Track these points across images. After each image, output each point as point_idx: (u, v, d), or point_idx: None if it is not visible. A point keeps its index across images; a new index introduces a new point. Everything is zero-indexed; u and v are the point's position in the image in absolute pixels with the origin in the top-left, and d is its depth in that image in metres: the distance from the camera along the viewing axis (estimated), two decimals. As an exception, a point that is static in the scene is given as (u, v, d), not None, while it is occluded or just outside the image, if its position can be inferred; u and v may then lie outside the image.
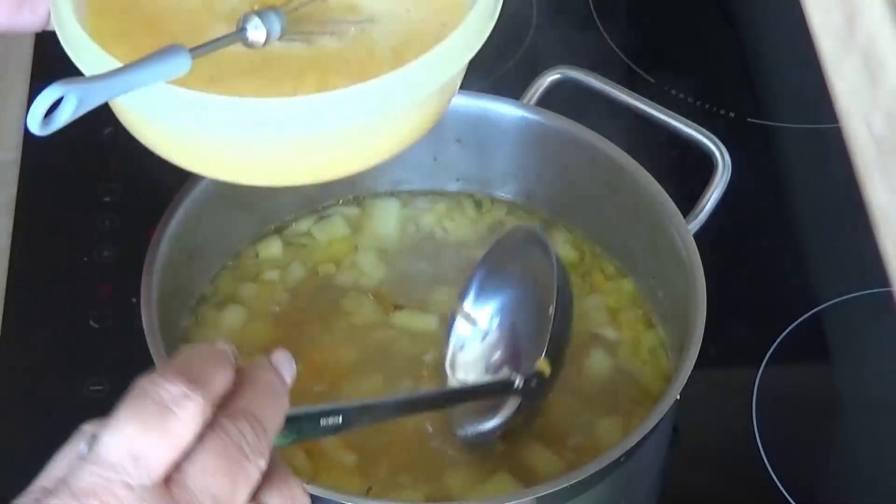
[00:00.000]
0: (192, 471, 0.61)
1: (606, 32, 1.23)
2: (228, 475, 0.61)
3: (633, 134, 0.99)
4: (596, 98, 1.00)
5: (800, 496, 0.96)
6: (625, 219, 0.96)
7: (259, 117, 0.68)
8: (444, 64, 0.71)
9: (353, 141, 0.72)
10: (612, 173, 0.95)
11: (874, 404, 1.03)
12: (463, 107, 0.96)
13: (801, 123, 1.18)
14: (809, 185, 1.16)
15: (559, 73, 1.01)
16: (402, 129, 0.74)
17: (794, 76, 1.19)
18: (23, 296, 1.04)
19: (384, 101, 0.69)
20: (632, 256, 0.98)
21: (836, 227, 1.10)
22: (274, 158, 0.73)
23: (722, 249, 0.98)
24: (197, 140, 0.71)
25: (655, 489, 0.94)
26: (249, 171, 0.74)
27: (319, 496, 0.80)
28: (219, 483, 0.61)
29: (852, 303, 1.06)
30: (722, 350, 0.96)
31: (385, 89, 0.69)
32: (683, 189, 0.96)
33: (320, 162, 0.73)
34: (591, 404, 0.92)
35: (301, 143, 0.71)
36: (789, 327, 1.04)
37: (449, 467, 0.88)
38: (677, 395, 0.84)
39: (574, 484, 0.80)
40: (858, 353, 1.07)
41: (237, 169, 0.74)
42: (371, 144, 0.73)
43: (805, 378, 1.05)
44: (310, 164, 0.73)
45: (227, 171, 0.74)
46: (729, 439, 1.00)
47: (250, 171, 0.74)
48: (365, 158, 0.74)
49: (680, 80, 1.21)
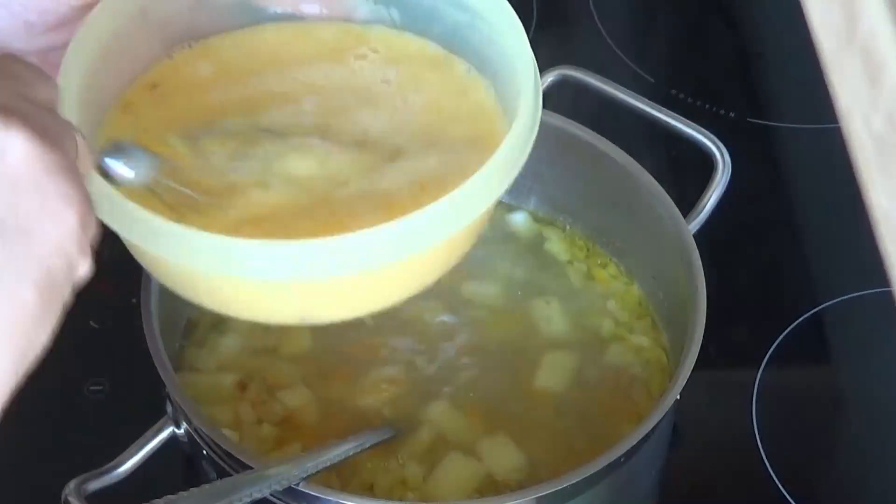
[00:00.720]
0: None
1: (606, 32, 1.23)
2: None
3: (633, 134, 0.99)
4: (596, 98, 1.00)
5: (800, 496, 0.96)
6: (625, 219, 0.96)
7: (284, 261, 0.65)
8: (472, 202, 0.67)
9: (381, 277, 0.69)
10: (612, 173, 0.95)
11: (874, 404, 1.03)
12: (463, 107, 0.96)
13: (801, 123, 1.18)
14: (809, 185, 1.16)
15: (559, 73, 1.01)
16: (427, 266, 0.71)
17: (795, 76, 1.19)
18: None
19: (409, 241, 0.66)
20: (632, 256, 0.98)
21: (836, 227, 1.10)
22: (300, 300, 0.70)
23: (722, 249, 0.98)
24: (208, 280, 0.69)
25: (655, 489, 0.94)
26: (263, 311, 0.72)
27: (319, 496, 0.80)
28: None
29: (852, 303, 1.06)
30: (722, 350, 0.96)
31: (411, 229, 0.65)
32: (683, 189, 0.96)
33: (344, 302, 0.71)
34: (591, 404, 0.92)
35: (331, 284, 0.68)
36: (789, 327, 1.04)
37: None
38: (677, 395, 0.84)
39: (574, 484, 0.80)
40: (858, 352, 1.07)
41: (248, 308, 0.71)
42: (397, 281, 0.71)
43: (805, 378, 1.05)
44: (335, 303, 0.71)
45: (239, 310, 0.72)
46: (729, 439, 1.00)
47: (264, 311, 0.72)
48: (393, 294, 0.72)
49: (680, 80, 1.21)
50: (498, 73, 0.75)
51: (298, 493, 0.80)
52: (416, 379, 0.92)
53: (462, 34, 0.76)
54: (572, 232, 1.00)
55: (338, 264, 0.65)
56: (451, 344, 0.94)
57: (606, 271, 0.98)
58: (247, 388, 0.90)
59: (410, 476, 0.87)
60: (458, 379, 0.92)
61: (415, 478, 0.88)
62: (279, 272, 0.65)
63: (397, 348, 0.93)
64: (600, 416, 0.91)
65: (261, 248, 0.65)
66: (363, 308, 0.73)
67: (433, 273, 0.72)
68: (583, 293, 0.97)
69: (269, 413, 0.89)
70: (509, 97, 0.74)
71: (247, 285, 0.68)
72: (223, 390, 0.90)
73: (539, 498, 0.80)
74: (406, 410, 0.90)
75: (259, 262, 0.65)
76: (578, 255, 0.99)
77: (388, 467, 0.88)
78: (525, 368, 0.93)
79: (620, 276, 0.98)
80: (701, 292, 0.88)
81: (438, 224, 0.66)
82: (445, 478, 0.88)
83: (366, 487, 0.87)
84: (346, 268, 0.65)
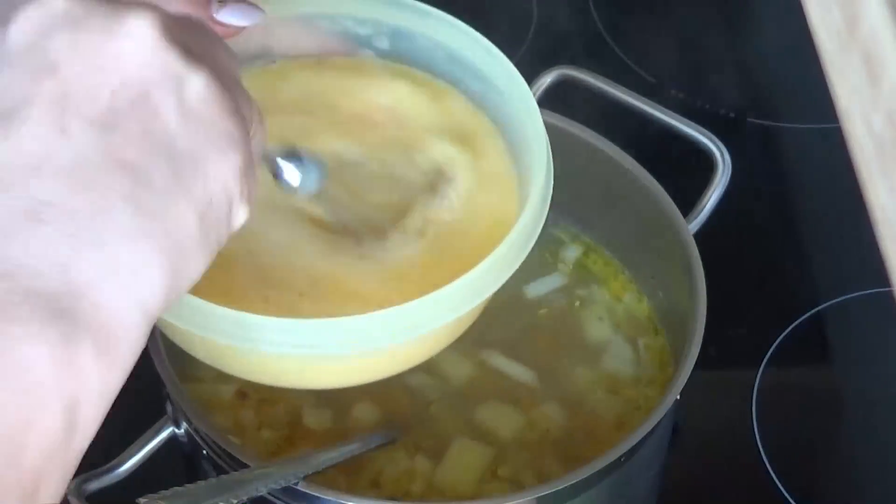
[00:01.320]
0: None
1: (606, 32, 1.23)
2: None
3: (633, 134, 0.99)
4: (596, 98, 1.00)
5: (800, 496, 0.96)
6: (624, 218, 0.96)
7: (301, 338, 0.68)
8: (481, 286, 0.70)
9: (390, 353, 0.72)
10: (612, 173, 0.95)
11: (874, 404, 1.03)
12: (463, 107, 0.96)
13: (801, 123, 1.18)
14: (809, 185, 1.16)
15: (559, 73, 1.01)
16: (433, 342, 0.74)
17: (795, 76, 1.19)
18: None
19: (417, 324, 0.69)
20: (631, 256, 0.97)
21: (837, 227, 1.10)
22: (303, 371, 0.74)
23: (722, 249, 0.98)
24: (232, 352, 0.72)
25: (655, 489, 0.94)
26: (269, 376, 0.75)
27: (319, 496, 0.80)
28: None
29: (852, 303, 1.06)
30: (722, 350, 0.96)
31: (417, 312, 0.69)
32: (683, 189, 0.96)
33: (349, 375, 0.75)
34: (591, 404, 0.92)
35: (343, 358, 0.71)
36: (789, 327, 1.04)
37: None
38: (677, 395, 0.84)
39: (574, 484, 0.80)
40: (858, 353, 1.07)
41: (255, 373, 0.75)
42: (404, 356, 0.74)
43: (805, 378, 1.05)
44: (342, 375, 0.75)
45: (248, 374, 0.76)
46: (729, 439, 1.00)
47: (270, 376, 0.75)
48: (398, 366, 0.75)
49: (680, 80, 1.21)
50: (513, 142, 0.78)
51: (298, 492, 0.80)
52: (417, 381, 0.92)
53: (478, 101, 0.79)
54: (571, 231, 1.00)
55: (350, 343, 0.69)
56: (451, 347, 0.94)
57: (606, 269, 0.98)
58: (247, 397, 0.90)
59: (418, 466, 0.87)
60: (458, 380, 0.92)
61: (422, 468, 0.88)
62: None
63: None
64: (599, 415, 0.91)
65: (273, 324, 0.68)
66: (367, 378, 0.76)
67: (435, 347, 0.75)
68: (582, 291, 0.97)
69: (270, 418, 0.89)
70: (522, 166, 0.76)
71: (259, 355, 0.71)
72: (223, 399, 0.90)
73: (539, 498, 0.80)
74: (407, 413, 0.90)
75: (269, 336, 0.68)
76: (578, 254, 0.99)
77: (395, 458, 0.88)
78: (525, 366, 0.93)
79: (619, 274, 0.98)
80: (701, 292, 0.88)
81: (449, 306, 0.69)
82: (454, 467, 0.88)
83: (373, 480, 0.87)
84: (353, 346, 0.69)
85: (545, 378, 0.93)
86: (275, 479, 0.78)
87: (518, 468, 0.89)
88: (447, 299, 0.69)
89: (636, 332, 0.95)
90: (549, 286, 0.97)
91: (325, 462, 0.82)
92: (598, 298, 0.97)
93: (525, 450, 0.89)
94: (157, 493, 0.74)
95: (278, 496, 0.80)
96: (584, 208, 0.99)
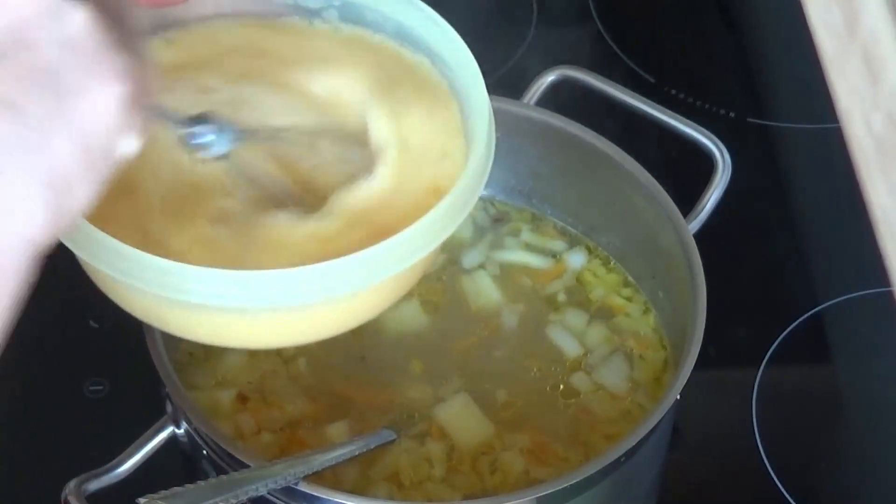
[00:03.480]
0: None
1: (606, 32, 1.23)
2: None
3: (633, 134, 0.99)
4: (596, 98, 1.00)
5: (800, 496, 0.96)
6: (624, 218, 0.96)
7: (247, 291, 0.68)
8: (425, 239, 0.71)
9: (334, 308, 0.72)
10: (612, 173, 0.95)
11: (874, 404, 1.03)
12: (463, 107, 0.96)
13: (801, 123, 1.18)
14: (809, 184, 1.16)
15: (559, 73, 1.01)
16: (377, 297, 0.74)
17: (795, 76, 1.19)
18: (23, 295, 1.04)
19: (362, 276, 0.69)
20: (631, 256, 0.97)
21: (837, 226, 1.10)
22: (254, 326, 0.73)
23: (722, 249, 0.98)
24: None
25: (655, 489, 0.94)
26: (215, 336, 0.75)
27: (319, 496, 0.80)
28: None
29: (852, 303, 1.06)
30: (722, 350, 0.96)
31: (364, 264, 0.69)
32: (683, 189, 0.96)
33: (297, 329, 0.74)
34: (591, 404, 0.92)
35: (286, 313, 0.72)
36: (789, 327, 1.04)
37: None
38: (677, 395, 0.84)
39: (574, 484, 0.80)
40: (858, 353, 1.07)
41: (199, 332, 0.75)
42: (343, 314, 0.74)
43: (805, 378, 1.05)
44: (291, 330, 0.75)
45: (194, 334, 0.75)
46: (729, 439, 1.00)
47: (216, 336, 0.75)
48: (341, 324, 0.75)
49: (680, 80, 1.21)
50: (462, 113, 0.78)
51: (298, 492, 0.80)
52: (417, 384, 0.92)
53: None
54: (571, 231, 1.00)
55: (301, 294, 0.69)
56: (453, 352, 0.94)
57: (606, 268, 0.98)
58: (247, 401, 0.90)
59: (434, 452, 0.88)
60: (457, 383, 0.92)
61: (438, 453, 0.88)
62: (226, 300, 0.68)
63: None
64: (599, 415, 0.91)
65: (206, 274, 0.67)
66: (306, 337, 0.76)
67: (377, 307, 0.75)
68: (582, 289, 0.97)
69: (269, 421, 0.89)
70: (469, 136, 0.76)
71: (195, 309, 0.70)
72: (223, 405, 0.90)
73: (539, 498, 0.80)
74: (407, 416, 0.90)
75: (203, 288, 0.68)
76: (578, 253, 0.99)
77: (409, 448, 0.88)
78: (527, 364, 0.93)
79: (619, 273, 0.98)
80: (701, 292, 0.88)
81: (382, 264, 0.69)
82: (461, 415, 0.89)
83: (390, 471, 0.87)
84: (303, 298, 0.69)
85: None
86: (275, 479, 0.78)
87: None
88: (385, 255, 0.69)
89: (635, 329, 0.95)
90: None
91: (325, 462, 0.82)
92: (597, 295, 0.97)
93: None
94: (157, 493, 0.74)
95: (278, 496, 0.80)
96: (584, 208, 0.99)
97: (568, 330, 0.95)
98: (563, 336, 0.94)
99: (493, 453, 0.89)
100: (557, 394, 0.92)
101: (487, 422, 0.90)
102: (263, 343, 0.78)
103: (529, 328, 0.95)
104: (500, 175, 1.01)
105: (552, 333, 0.95)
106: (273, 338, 0.76)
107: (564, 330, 0.95)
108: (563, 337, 0.94)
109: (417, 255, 0.71)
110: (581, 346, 0.94)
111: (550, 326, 0.95)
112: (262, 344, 0.80)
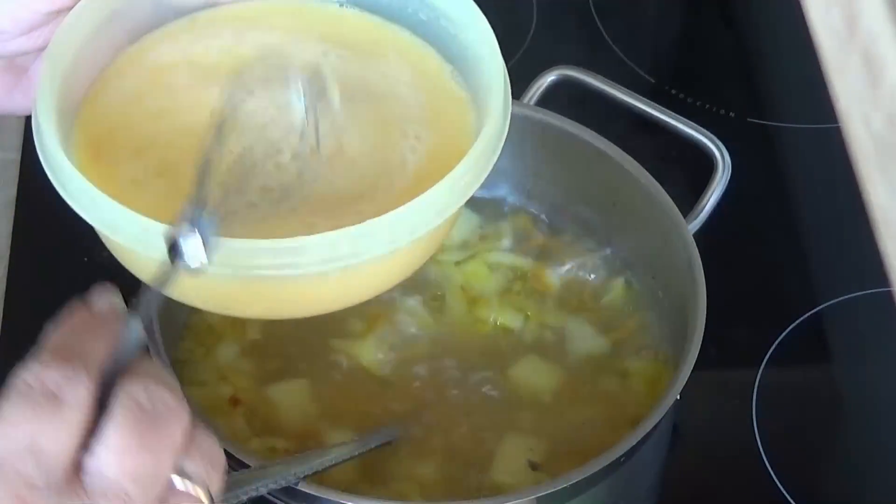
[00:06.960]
0: (103, 453, 0.56)
1: (606, 32, 1.23)
2: (146, 448, 0.56)
3: (633, 134, 0.99)
4: (596, 98, 1.00)
5: (800, 496, 0.96)
6: (624, 218, 0.96)
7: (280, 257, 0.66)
8: (440, 206, 0.68)
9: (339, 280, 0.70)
10: (612, 173, 0.95)
11: (874, 404, 1.03)
12: (463, 107, 0.96)
13: (801, 123, 1.18)
14: (809, 185, 1.16)
15: (559, 73, 1.01)
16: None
17: (795, 76, 1.19)
18: (23, 295, 1.04)
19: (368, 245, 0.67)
20: (631, 256, 0.98)
21: (837, 226, 1.10)
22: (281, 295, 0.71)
23: (722, 249, 0.98)
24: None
25: (655, 489, 0.94)
26: (233, 307, 0.74)
27: (319, 496, 0.80)
28: (137, 459, 0.56)
29: (852, 303, 1.06)
30: (722, 350, 0.96)
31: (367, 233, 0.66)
32: (683, 189, 0.96)
33: (320, 297, 0.72)
34: (591, 404, 0.92)
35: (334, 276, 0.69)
36: (789, 327, 1.04)
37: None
38: (677, 395, 0.84)
39: (574, 484, 0.80)
40: (858, 353, 1.07)
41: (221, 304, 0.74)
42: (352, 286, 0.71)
43: (805, 378, 1.05)
44: (316, 298, 0.72)
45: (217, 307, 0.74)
46: (729, 439, 1.00)
47: (234, 307, 0.74)
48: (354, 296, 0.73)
49: (680, 80, 1.21)
50: (467, 70, 0.75)
51: (298, 492, 0.80)
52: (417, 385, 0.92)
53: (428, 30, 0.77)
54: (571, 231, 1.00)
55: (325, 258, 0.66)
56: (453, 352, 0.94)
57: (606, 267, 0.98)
58: (239, 404, 0.90)
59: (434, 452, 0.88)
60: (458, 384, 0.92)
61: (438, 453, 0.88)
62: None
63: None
64: (599, 415, 0.91)
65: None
66: (333, 305, 0.73)
67: (390, 279, 0.73)
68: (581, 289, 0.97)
69: (269, 422, 0.89)
70: (480, 96, 0.74)
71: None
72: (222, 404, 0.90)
73: (539, 498, 0.80)
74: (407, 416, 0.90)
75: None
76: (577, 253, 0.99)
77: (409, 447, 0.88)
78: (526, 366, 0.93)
79: (618, 273, 0.98)
80: (701, 292, 0.88)
81: (407, 226, 0.67)
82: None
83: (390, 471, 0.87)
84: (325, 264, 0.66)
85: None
86: (275, 479, 0.78)
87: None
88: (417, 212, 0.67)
89: (634, 329, 0.95)
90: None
91: (325, 462, 0.82)
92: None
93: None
94: None
95: (278, 496, 0.80)
96: (584, 208, 0.99)
97: (567, 330, 0.95)
98: (562, 336, 0.95)
99: (493, 453, 0.89)
100: (557, 394, 0.92)
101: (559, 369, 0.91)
102: (313, 309, 0.75)
103: (527, 329, 0.95)
104: (498, 174, 1.01)
105: (551, 333, 0.95)
106: (327, 302, 0.73)
107: (563, 330, 0.95)
108: (562, 337, 0.95)
109: (466, 195, 0.69)
110: (580, 346, 0.94)
111: (549, 327, 0.95)
112: (311, 310, 0.75)
